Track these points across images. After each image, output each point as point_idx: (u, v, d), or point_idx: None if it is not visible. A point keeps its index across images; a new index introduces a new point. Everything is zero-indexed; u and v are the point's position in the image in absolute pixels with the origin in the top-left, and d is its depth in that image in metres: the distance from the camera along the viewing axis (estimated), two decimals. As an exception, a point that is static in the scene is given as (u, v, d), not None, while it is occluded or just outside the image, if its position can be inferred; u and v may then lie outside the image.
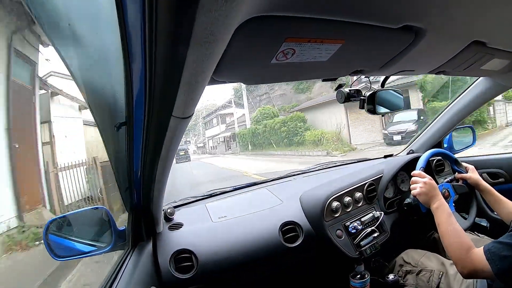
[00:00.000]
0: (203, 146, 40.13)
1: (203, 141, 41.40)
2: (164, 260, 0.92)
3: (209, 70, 0.42)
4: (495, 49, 0.81)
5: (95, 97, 0.52)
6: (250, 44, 0.47)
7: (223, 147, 28.52)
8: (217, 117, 32.60)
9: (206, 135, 38.63)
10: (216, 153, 29.23)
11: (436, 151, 1.26)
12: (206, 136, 38.95)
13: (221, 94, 46.29)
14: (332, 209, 1.14)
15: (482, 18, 0.63)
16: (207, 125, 38.24)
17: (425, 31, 0.60)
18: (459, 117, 1.50)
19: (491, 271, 0.75)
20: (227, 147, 27.59)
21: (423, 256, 1.15)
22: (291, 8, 0.43)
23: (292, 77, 0.79)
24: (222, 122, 31.69)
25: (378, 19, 0.52)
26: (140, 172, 0.66)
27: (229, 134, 26.64)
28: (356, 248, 1.12)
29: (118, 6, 0.28)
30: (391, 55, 0.70)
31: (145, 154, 0.58)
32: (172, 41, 0.32)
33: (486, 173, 1.53)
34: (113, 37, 0.33)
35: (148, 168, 0.65)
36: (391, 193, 1.36)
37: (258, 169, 9.37)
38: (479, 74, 1.20)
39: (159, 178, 0.72)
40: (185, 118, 0.50)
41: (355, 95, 0.99)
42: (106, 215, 0.90)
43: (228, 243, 1.01)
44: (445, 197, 1.17)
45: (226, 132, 27.92)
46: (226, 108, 31.33)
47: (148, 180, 0.71)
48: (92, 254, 0.87)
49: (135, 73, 0.37)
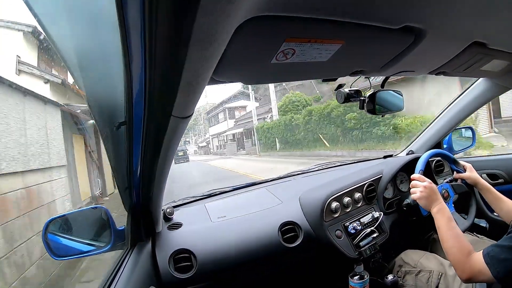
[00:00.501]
0: (206, 146, 36.18)
1: (206, 140, 37.41)
2: (163, 260, 0.92)
3: (209, 70, 0.42)
4: (495, 50, 0.81)
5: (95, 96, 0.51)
6: (250, 44, 0.47)
7: (233, 147, 23.96)
8: (224, 111, 27.88)
9: (210, 133, 33.66)
10: (225, 154, 24.11)
11: (435, 152, 1.26)
12: (210, 134, 34.28)
13: (227, 86, 39.09)
14: (332, 209, 1.14)
15: (482, 19, 0.63)
16: (211, 121, 33.27)
17: (425, 31, 0.60)
18: (458, 118, 1.50)
19: (491, 274, 0.75)
20: (239, 146, 23.18)
21: (422, 257, 1.15)
22: (291, 8, 0.43)
23: (292, 77, 0.79)
24: (231, 117, 26.94)
25: (378, 19, 0.52)
26: (140, 171, 0.66)
27: (240, 130, 22.39)
28: (356, 249, 1.12)
29: (118, 6, 0.28)
30: (391, 56, 0.70)
31: (145, 153, 0.58)
32: (172, 41, 0.32)
33: (486, 174, 1.53)
34: (113, 37, 0.32)
35: (148, 167, 0.65)
36: (390, 193, 1.36)
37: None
38: (479, 75, 1.20)
39: (158, 177, 0.72)
40: (184, 118, 0.50)
41: (355, 95, 0.99)
42: (105, 214, 0.89)
43: (227, 243, 1.01)
44: (444, 197, 1.18)
45: (236, 128, 23.58)
46: (235, 101, 26.94)
47: (148, 179, 0.71)
48: (91, 254, 0.87)
49: (135, 73, 0.37)
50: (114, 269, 0.81)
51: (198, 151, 39.32)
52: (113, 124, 0.53)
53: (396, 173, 1.36)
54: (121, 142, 0.57)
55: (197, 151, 39.26)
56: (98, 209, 0.92)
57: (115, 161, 0.68)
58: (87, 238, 0.90)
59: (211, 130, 33.26)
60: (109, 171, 5.80)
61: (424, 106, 8.12)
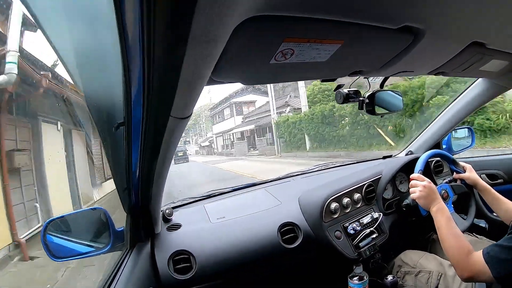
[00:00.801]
0: (209, 145, 33.10)
1: (209, 139, 34.13)
2: (163, 261, 0.91)
3: (207, 70, 0.42)
4: (494, 50, 0.82)
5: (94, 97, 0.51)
6: (249, 44, 0.47)
7: (242, 146, 21.09)
8: (231, 106, 24.94)
9: (214, 131, 30.32)
10: (232, 154, 21.64)
11: (434, 152, 1.26)
12: (213, 132, 30.70)
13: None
14: (331, 210, 1.14)
15: (481, 19, 0.63)
16: (215, 118, 30.13)
17: (424, 32, 0.60)
18: (457, 118, 1.50)
19: (491, 274, 0.75)
20: (250, 145, 20.45)
21: (422, 257, 1.15)
22: (290, 8, 0.42)
23: (291, 77, 0.79)
24: (238, 113, 24.00)
25: (377, 19, 0.52)
26: (139, 172, 0.66)
27: (251, 127, 19.87)
28: (355, 249, 1.12)
29: (116, 6, 0.28)
30: (390, 56, 0.70)
31: (144, 154, 0.58)
32: (170, 40, 0.32)
33: (485, 174, 1.53)
34: (111, 37, 0.32)
35: (147, 168, 0.65)
36: (390, 194, 1.36)
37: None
38: (478, 75, 1.21)
39: (157, 178, 0.71)
40: (183, 118, 0.50)
41: (354, 95, 0.99)
42: (104, 215, 0.89)
43: (226, 244, 1.01)
44: (444, 198, 1.18)
45: (246, 126, 21.06)
46: (242, 95, 23.94)
47: (147, 180, 0.71)
48: (90, 255, 0.87)
49: (133, 73, 0.37)
50: (113, 270, 0.80)
51: (199, 151, 37.01)
52: (112, 125, 0.53)
53: (395, 174, 1.36)
54: (119, 143, 0.57)
55: (199, 151, 36.95)
56: (97, 210, 0.92)
57: (114, 162, 0.68)
58: (86, 239, 0.90)
59: (215, 128, 30.20)
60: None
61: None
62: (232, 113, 24.76)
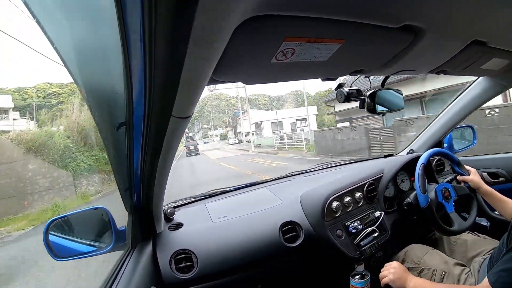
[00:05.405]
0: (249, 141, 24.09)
1: (246, 132, 26.80)
2: (164, 260, 0.92)
3: (208, 70, 0.42)
4: (495, 48, 0.81)
5: (95, 97, 0.52)
6: (250, 44, 0.47)
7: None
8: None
9: (259, 119, 24.87)
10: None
11: (439, 151, 1.26)
12: (257, 119, 25.01)
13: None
14: (333, 209, 1.14)
15: (482, 17, 0.63)
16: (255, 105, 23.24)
17: (425, 30, 0.59)
18: (459, 117, 1.49)
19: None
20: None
21: (427, 253, 1.14)
22: (291, 8, 0.42)
23: (292, 76, 0.79)
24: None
25: (378, 18, 0.52)
26: (140, 172, 0.66)
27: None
28: (356, 248, 1.12)
29: (118, 6, 0.28)
30: (391, 55, 0.70)
31: (145, 154, 0.58)
32: (171, 40, 0.32)
33: (486, 173, 1.53)
34: (112, 37, 0.32)
35: (148, 168, 0.65)
36: (391, 192, 1.36)
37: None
38: (479, 73, 1.20)
39: (159, 178, 0.72)
40: (184, 118, 0.50)
41: (356, 94, 0.99)
42: (106, 215, 0.90)
43: (228, 243, 1.01)
44: (445, 196, 1.18)
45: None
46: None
47: (148, 180, 0.71)
48: (92, 255, 0.87)
49: (135, 73, 0.37)
50: (115, 269, 0.81)
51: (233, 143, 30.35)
52: (114, 124, 0.53)
53: (396, 172, 1.36)
54: (121, 143, 0.57)
55: (233, 143, 30.19)
56: (99, 209, 0.92)
57: (115, 162, 0.68)
58: (88, 238, 0.90)
59: (256, 117, 25.48)
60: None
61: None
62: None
